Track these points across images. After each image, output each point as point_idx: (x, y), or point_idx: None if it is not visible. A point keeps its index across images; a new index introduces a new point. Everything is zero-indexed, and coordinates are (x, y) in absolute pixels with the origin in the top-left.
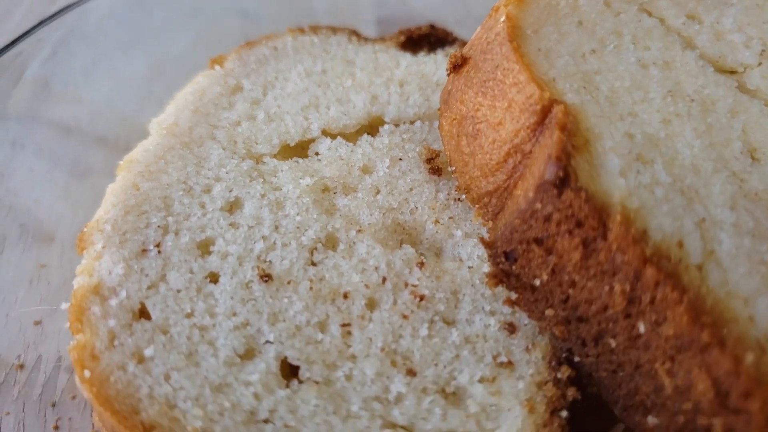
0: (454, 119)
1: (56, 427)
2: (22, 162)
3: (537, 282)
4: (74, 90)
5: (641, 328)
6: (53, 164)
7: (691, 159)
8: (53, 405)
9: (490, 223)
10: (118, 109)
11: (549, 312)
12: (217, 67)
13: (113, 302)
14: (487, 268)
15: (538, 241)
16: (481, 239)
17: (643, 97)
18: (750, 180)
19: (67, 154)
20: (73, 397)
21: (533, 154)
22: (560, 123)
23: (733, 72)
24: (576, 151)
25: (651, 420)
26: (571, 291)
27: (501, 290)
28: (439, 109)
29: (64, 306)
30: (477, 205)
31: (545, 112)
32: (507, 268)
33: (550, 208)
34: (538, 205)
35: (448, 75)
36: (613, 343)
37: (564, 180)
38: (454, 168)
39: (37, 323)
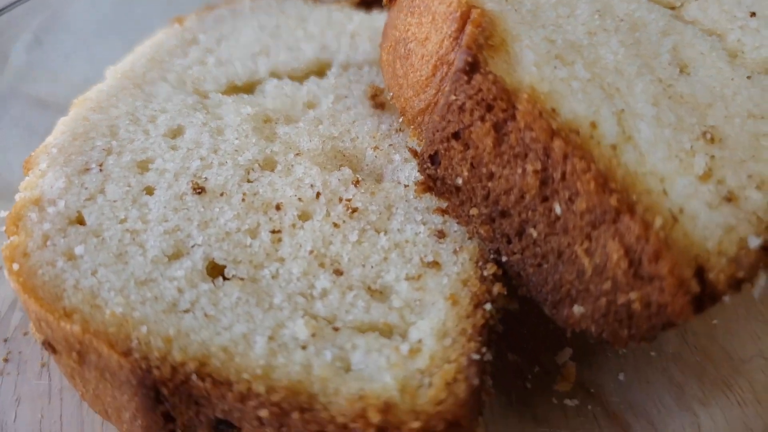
0: (389, 46)
1: (6, 360)
2: None
3: (459, 181)
4: (53, 72)
5: (557, 209)
6: (28, 134)
7: (614, 63)
8: (5, 340)
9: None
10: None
11: (474, 212)
12: (176, 25)
13: (51, 210)
14: None
15: (456, 136)
16: (409, 148)
17: (569, 13)
18: (676, 86)
19: (43, 125)
20: (25, 334)
21: (456, 64)
22: (474, 21)
23: (671, 6)
24: (491, 49)
25: (577, 309)
26: (490, 184)
27: (433, 203)
28: (380, 45)
29: (2, 214)
30: (412, 126)
31: (464, 18)
32: (433, 173)
33: (463, 97)
34: (453, 97)
35: (385, 6)
36: (534, 233)
37: (473, 65)
38: (392, 95)
39: None
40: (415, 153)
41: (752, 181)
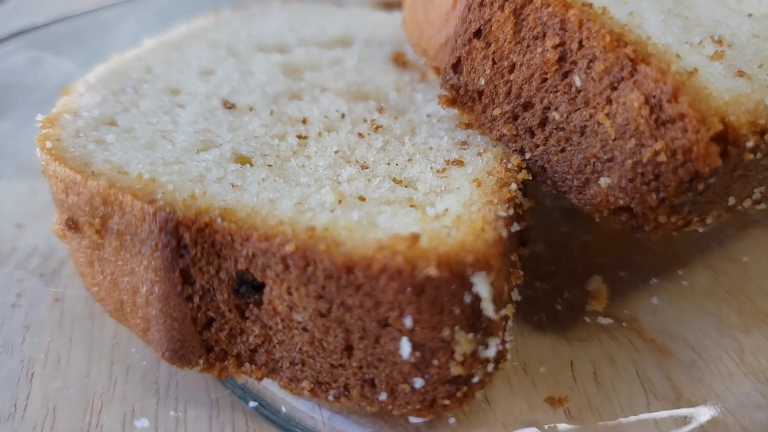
0: (411, 1)
1: (19, 295)
2: None
3: (482, 82)
4: None
5: (577, 81)
6: None
7: None
8: (20, 280)
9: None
10: None
11: (497, 112)
12: (212, 15)
13: (86, 114)
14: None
15: (478, 34)
16: (434, 67)
17: None
18: (683, 11)
19: None
20: (41, 275)
21: None
22: None
23: None
24: None
25: (604, 181)
26: (511, 77)
27: (455, 124)
28: (402, 6)
29: (39, 117)
30: (434, 65)
31: None
32: (456, 82)
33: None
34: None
35: None
36: (557, 115)
37: None
38: (414, 43)
39: (19, 226)
40: (437, 69)
41: (762, 70)
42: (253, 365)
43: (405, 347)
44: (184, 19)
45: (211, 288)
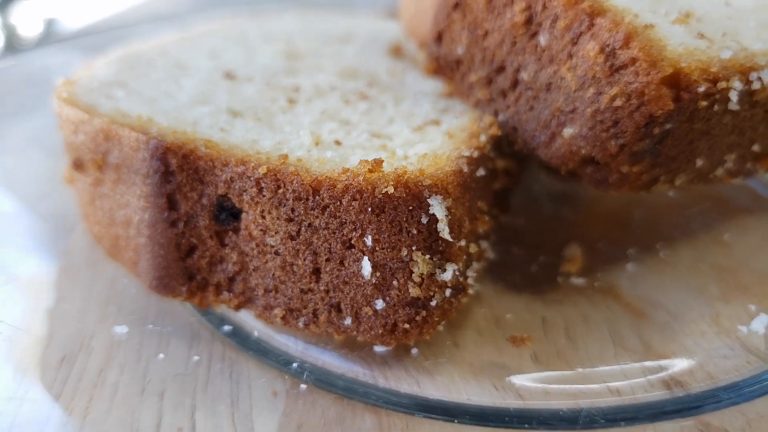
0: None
1: None
2: None
3: (460, 50)
4: None
5: (542, 40)
6: None
7: None
8: None
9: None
10: None
11: (473, 77)
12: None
13: (101, 75)
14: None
15: (456, 6)
16: (419, 42)
17: None
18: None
19: None
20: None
21: None
22: None
23: None
24: None
25: (567, 132)
26: (485, 43)
27: (440, 90)
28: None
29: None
30: (425, 50)
31: None
32: (437, 52)
33: None
34: None
35: None
36: (525, 75)
37: None
38: (408, 32)
39: None
40: (422, 43)
41: (726, 37)
42: (231, 294)
43: (366, 267)
44: None
45: (194, 214)
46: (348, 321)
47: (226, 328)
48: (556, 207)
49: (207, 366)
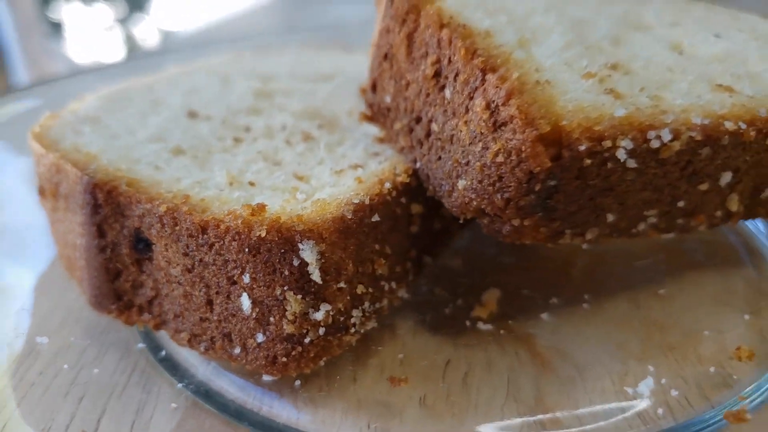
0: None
1: None
2: None
3: (388, 99)
4: None
5: (448, 94)
6: None
7: (541, 23)
8: None
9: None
10: None
11: (398, 125)
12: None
13: (80, 113)
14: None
15: (386, 57)
16: (360, 89)
17: None
18: (600, 44)
19: None
20: None
21: None
22: None
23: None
24: None
25: (461, 183)
26: (407, 93)
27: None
28: None
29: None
30: None
31: None
32: (372, 100)
33: (388, 20)
34: (384, 22)
35: None
36: (436, 127)
37: None
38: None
39: None
40: (362, 90)
41: (643, 92)
42: (150, 315)
43: (246, 303)
44: None
45: (118, 242)
46: (237, 350)
47: (140, 345)
48: (500, 251)
49: (128, 377)
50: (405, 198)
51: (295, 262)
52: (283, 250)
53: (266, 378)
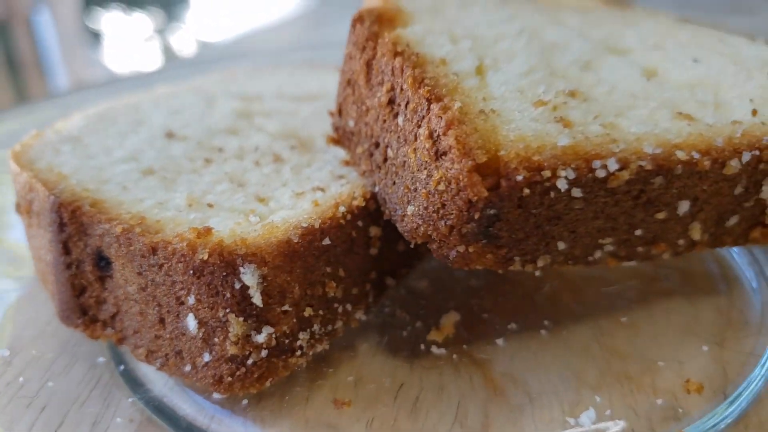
0: None
1: None
2: None
3: (351, 123)
4: None
5: (400, 121)
6: None
7: (507, 51)
8: None
9: None
10: None
11: (359, 150)
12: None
13: (64, 132)
14: None
15: (349, 83)
16: (329, 113)
17: (484, 22)
18: (566, 71)
19: None
20: None
21: None
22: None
23: (613, 48)
24: (387, 18)
25: (410, 209)
26: (366, 118)
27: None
28: None
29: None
30: None
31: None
32: (338, 123)
33: (350, 46)
34: (348, 48)
35: None
36: (391, 153)
37: (359, 19)
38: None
39: None
40: (331, 113)
41: (596, 120)
42: (113, 330)
43: (192, 323)
44: None
45: (82, 260)
46: (188, 368)
47: (101, 359)
48: (468, 274)
49: (90, 389)
50: (363, 221)
51: (237, 285)
52: (225, 273)
53: (215, 396)
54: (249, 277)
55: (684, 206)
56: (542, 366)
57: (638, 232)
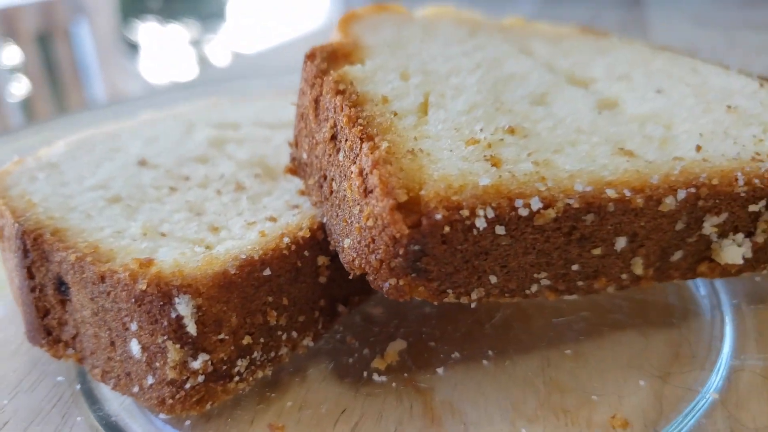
0: None
1: None
2: None
3: (305, 156)
4: None
5: (341, 157)
6: None
7: (457, 86)
8: None
9: None
10: None
11: (311, 181)
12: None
13: (43, 159)
14: None
15: (302, 116)
16: (288, 143)
17: (440, 55)
18: (514, 106)
19: None
20: None
21: None
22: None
23: (576, 80)
24: (342, 53)
25: (347, 242)
26: (316, 152)
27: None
28: None
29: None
30: None
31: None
32: (294, 154)
33: (302, 82)
34: (301, 84)
35: None
36: (335, 185)
37: (311, 56)
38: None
39: None
40: (290, 144)
41: (530, 157)
42: (74, 350)
43: (135, 347)
44: None
45: (45, 284)
46: (136, 389)
47: (60, 378)
48: (423, 301)
49: (53, 405)
50: (309, 251)
51: (173, 314)
52: (162, 303)
53: (162, 416)
54: (184, 306)
55: (621, 242)
56: (483, 396)
57: (575, 267)
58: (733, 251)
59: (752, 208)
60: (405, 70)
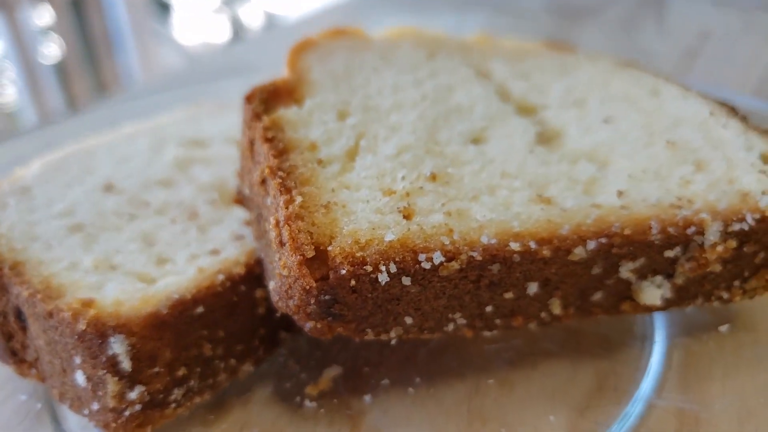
0: None
1: None
2: None
3: (247, 190)
4: None
5: (268, 201)
6: None
7: (397, 120)
8: None
9: None
10: None
11: (252, 215)
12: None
13: (18, 183)
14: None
15: (242, 154)
16: (237, 174)
17: (385, 84)
18: (445, 148)
19: None
20: None
21: None
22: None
23: (526, 108)
24: (285, 94)
25: (271, 285)
26: (254, 189)
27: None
28: None
29: None
30: None
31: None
32: (239, 186)
33: (242, 122)
34: (242, 123)
35: None
36: (265, 224)
37: (249, 96)
38: None
39: None
40: (238, 174)
41: (444, 207)
42: (37, 371)
43: (80, 377)
44: None
45: (6, 312)
46: (86, 411)
47: (23, 397)
48: None
49: (21, 421)
50: (246, 285)
51: (110, 352)
52: (99, 341)
53: None
54: (119, 345)
55: (533, 287)
56: (410, 424)
57: (489, 309)
58: (653, 292)
59: (668, 254)
60: (345, 107)
